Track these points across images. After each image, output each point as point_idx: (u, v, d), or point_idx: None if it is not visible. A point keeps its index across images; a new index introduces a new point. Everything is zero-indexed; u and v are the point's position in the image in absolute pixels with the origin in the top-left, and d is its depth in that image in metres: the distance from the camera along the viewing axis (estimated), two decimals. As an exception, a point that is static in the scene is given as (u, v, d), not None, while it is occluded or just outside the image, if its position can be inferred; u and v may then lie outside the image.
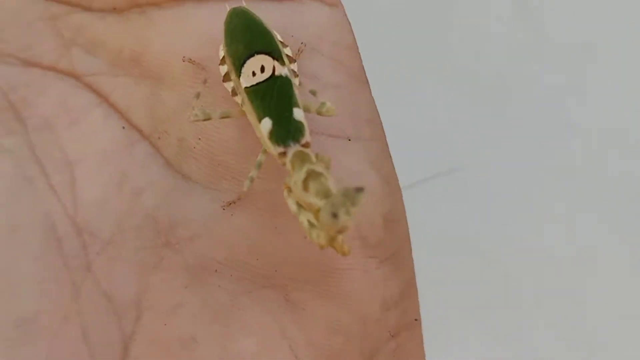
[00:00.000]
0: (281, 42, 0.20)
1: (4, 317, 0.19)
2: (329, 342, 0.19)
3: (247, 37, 0.19)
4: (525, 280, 0.35)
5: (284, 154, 0.18)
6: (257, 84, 0.19)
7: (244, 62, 0.19)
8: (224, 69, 0.20)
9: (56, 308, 0.19)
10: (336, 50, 0.21)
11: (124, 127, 0.21)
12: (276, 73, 0.19)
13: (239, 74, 0.19)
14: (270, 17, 0.20)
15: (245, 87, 0.19)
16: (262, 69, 0.19)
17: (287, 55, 0.20)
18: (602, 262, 0.35)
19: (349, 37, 0.21)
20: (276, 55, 0.19)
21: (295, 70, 0.19)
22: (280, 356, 0.19)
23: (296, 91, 0.19)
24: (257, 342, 0.19)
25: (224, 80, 0.20)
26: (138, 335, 0.19)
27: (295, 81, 0.19)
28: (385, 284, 0.20)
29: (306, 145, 0.18)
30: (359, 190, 0.16)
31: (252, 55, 0.19)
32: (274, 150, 0.18)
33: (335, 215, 0.16)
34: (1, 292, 0.19)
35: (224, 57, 0.20)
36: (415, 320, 0.21)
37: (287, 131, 0.18)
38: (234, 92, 0.19)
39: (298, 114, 0.19)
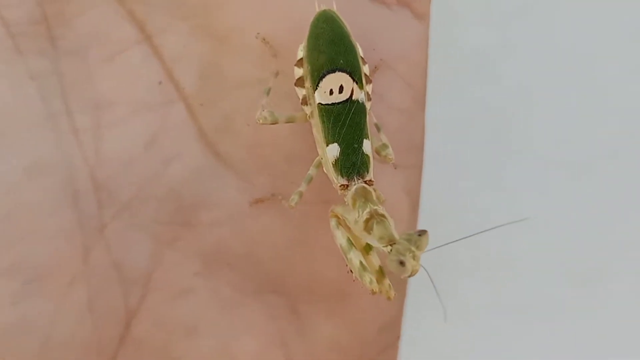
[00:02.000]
0: (362, 58, 0.19)
1: (13, 272, 0.18)
2: (325, 358, 0.20)
3: (332, 50, 0.18)
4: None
5: (345, 186, 0.18)
6: (332, 104, 0.18)
7: (324, 76, 0.18)
8: (299, 72, 0.18)
9: (65, 269, 0.18)
10: (410, 72, 0.20)
11: (160, 82, 0.19)
12: (354, 97, 0.18)
13: (315, 87, 0.18)
14: (359, 20, 0.19)
15: (319, 104, 0.18)
16: (341, 90, 0.18)
17: (365, 75, 0.19)
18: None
19: (425, 57, 0.20)
20: (357, 77, 0.18)
21: (370, 92, 0.19)
22: None
23: (368, 120, 0.18)
24: (257, 344, 0.19)
25: (296, 85, 0.19)
26: (142, 313, 0.19)
27: (368, 105, 0.18)
28: (387, 309, 0.20)
29: (369, 182, 0.18)
30: (422, 233, 0.16)
31: (334, 72, 0.18)
32: (336, 179, 0.18)
33: (402, 263, 0.16)
34: (12, 244, 0.18)
35: (301, 59, 0.18)
36: (397, 337, 0.22)
37: (353, 164, 0.18)
38: (305, 101, 0.18)
39: (367, 146, 0.18)
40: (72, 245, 0.18)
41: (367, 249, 0.18)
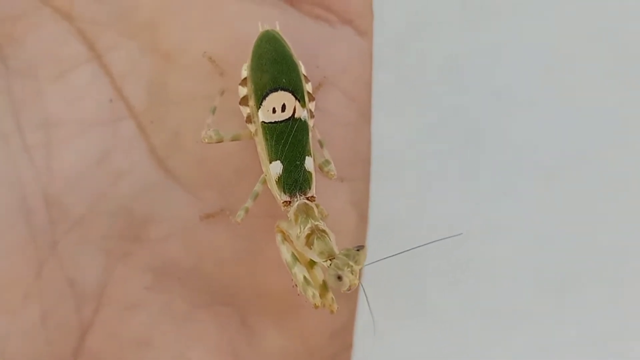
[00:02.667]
0: (305, 76, 0.19)
1: None
2: None
3: (275, 69, 0.19)
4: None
5: (288, 203, 0.18)
6: (275, 122, 0.18)
7: (267, 95, 0.19)
8: (243, 90, 0.19)
9: (18, 285, 0.19)
10: (354, 87, 0.20)
11: (111, 100, 0.20)
12: (296, 115, 0.19)
13: (258, 105, 0.19)
14: (303, 38, 0.20)
15: (263, 122, 0.19)
16: (283, 108, 0.19)
17: (308, 93, 0.19)
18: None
19: (368, 72, 0.21)
20: (299, 95, 0.19)
21: (313, 110, 0.19)
22: None
23: (311, 137, 0.19)
24: (209, 355, 0.20)
25: (240, 103, 0.19)
26: (95, 327, 0.19)
27: (311, 123, 0.19)
28: (336, 317, 0.21)
29: (311, 199, 0.18)
30: (360, 248, 0.17)
31: (276, 90, 0.19)
32: (279, 196, 0.18)
33: (340, 278, 0.16)
34: None
35: (245, 78, 0.19)
36: (350, 344, 0.22)
37: (295, 181, 0.18)
38: (249, 119, 0.19)
39: (309, 163, 0.18)
40: (26, 261, 0.19)
41: (312, 263, 0.19)
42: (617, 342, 0.35)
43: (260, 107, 0.18)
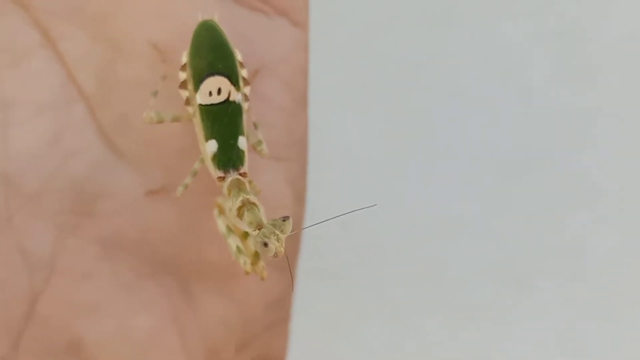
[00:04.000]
0: (241, 63, 0.21)
1: None
2: (213, 332, 0.22)
3: (211, 55, 0.20)
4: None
5: (222, 178, 0.20)
6: (211, 104, 0.20)
7: (204, 80, 0.20)
8: (183, 75, 0.21)
9: None
10: (291, 75, 0.22)
11: (62, 84, 0.21)
12: (231, 98, 0.20)
13: (196, 89, 0.20)
14: (242, 29, 0.21)
15: (200, 104, 0.20)
16: (219, 92, 0.20)
17: (243, 78, 0.21)
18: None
19: (305, 61, 0.22)
20: (234, 80, 0.20)
21: (248, 94, 0.21)
22: (169, 336, 0.21)
23: (244, 119, 0.20)
24: (153, 320, 0.21)
25: (180, 87, 0.21)
26: (46, 294, 0.21)
27: (246, 106, 0.21)
28: (272, 288, 0.23)
29: (244, 174, 0.20)
30: (286, 219, 0.18)
31: (213, 75, 0.20)
32: (214, 172, 0.20)
33: (266, 245, 0.18)
34: None
35: (185, 64, 0.21)
36: (287, 316, 0.24)
37: (229, 158, 0.20)
38: (188, 102, 0.21)
39: (242, 142, 0.20)
40: None
41: (245, 235, 0.20)
42: (573, 339, 0.36)
43: (198, 91, 0.20)
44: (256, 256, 0.20)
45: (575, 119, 0.36)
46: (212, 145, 0.20)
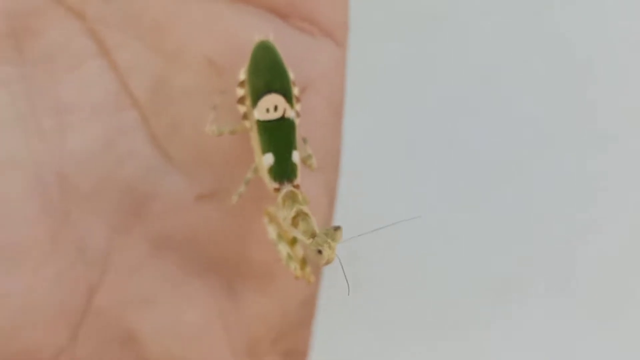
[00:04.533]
0: (293, 81, 0.23)
1: None
2: (254, 327, 0.24)
3: (269, 74, 0.22)
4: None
5: (277, 189, 0.22)
6: (269, 120, 0.22)
7: (261, 97, 0.22)
8: (240, 91, 0.22)
9: (37, 249, 0.22)
10: (332, 91, 0.24)
11: (116, 91, 0.22)
12: (286, 115, 0.22)
13: (254, 105, 0.22)
14: (289, 48, 0.23)
15: (258, 120, 0.22)
16: (275, 109, 0.22)
17: (295, 96, 0.23)
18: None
19: (344, 77, 0.24)
20: (288, 98, 0.22)
21: (299, 110, 0.23)
22: (215, 331, 0.23)
23: (297, 134, 0.22)
24: (200, 316, 0.23)
25: (238, 102, 0.22)
26: (101, 288, 0.22)
27: (297, 121, 0.22)
28: (304, 288, 0.25)
29: (297, 186, 0.22)
30: (337, 228, 0.20)
31: (270, 93, 0.22)
32: (270, 184, 0.22)
33: (320, 252, 0.20)
34: None
35: (243, 81, 0.22)
36: (314, 312, 0.26)
37: (284, 171, 0.22)
38: (245, 117, 0.22)
39: (295, 156, 0.22)
40: (42, 230, 0.22)
41: (293, 242, 0.22)
42: (556, 348, 0.37)
43: (255, 107, 0.22)
44: (304, 262, 0.22)
45: (559, 125, 0.37)
46: (268, 158, 0.22)
